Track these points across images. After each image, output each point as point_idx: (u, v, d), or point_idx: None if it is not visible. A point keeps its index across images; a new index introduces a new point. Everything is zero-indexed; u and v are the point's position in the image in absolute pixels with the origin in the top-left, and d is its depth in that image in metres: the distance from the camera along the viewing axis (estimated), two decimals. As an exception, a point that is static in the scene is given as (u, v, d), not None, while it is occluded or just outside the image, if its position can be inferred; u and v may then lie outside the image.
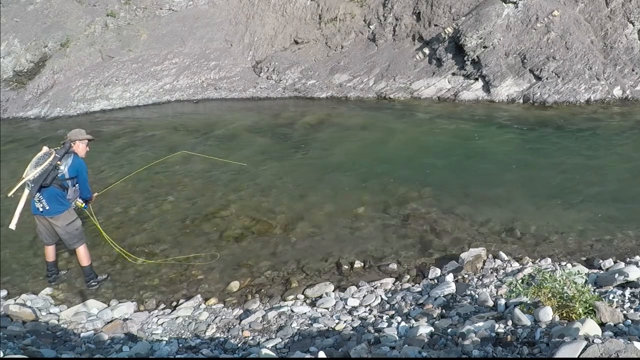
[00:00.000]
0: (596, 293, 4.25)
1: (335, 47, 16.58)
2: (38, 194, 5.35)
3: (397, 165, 9.47)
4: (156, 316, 5.22)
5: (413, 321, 4.33)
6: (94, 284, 5.87)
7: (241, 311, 5.24)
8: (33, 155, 5.53)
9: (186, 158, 10.26)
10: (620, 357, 2.51)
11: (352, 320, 4.69)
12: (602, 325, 3.34)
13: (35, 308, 5.30)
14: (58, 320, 5.15)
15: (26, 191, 5.42)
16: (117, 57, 15.92)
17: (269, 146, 11.02)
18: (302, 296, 5.52)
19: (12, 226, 5.33)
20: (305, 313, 5.00)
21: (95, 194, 6.27)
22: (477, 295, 4.71)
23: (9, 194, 5.40)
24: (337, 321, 4.68)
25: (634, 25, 14.17)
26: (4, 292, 5.70)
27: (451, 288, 5.03)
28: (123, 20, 16.64)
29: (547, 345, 3.04)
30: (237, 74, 16.24)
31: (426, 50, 15.40)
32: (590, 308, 3.60)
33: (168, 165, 9.76)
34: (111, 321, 5.04)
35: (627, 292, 4.26)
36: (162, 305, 5.51)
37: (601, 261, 5.59)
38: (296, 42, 16.92)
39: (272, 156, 10.31)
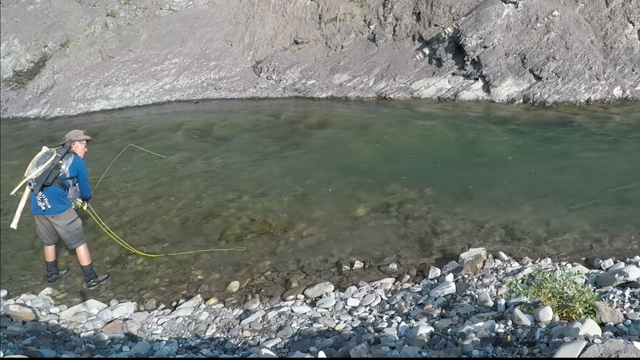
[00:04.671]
0: (596, 293, 4.24)
1: (335, 47, 16.58)
2: (40, 193, 5.37)
3: (397, 165, 9.47)
4: (156, 316, 5.22)
5: (413, 321, 4.33)
6: (94, 283, 5.87)
7: (241, 311, 5.24)
8: (33, 155, 5.55)
9: (187, 159, 10.28)
10: (620, 357, 2.51)
11: (352, 320, 4.69)
12: (602, 325, 3.34)
13: (35, 308, 5.30)
14: (58, 320, 5.15)
15: (27, 190, 5.43)
16: (117, 57, 15.93)
17: (269, 146, 11.02)
18: (302, 296, 5.51)
19: (13, 225, 5.34)
20: (305, 313, 5.00)
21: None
22: (477, 295, 4.71)
23: (12, 193, 5.44)
24: (337, 321, 4.68)
25: (634, 25, 14.17)
26: (4, 292, 5.70)
27: (451, 288, 5.02)
28: (123, 20, 16.65)
29: (547, 345, 3.04)
30: (237, 74, 16.25)
31: (426, 50, 15.41)
32: (590, 308, 3.60)
33: (169, 166, 9.77)
34: (111, 321, 5.04)
35: (627, 292, 4.26)
36: (162, 305, 5.51)
37: (601, 261, 5.58)
38: (296, 42, 16.92)
39: (272, 156, 10.31)
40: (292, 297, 5.49)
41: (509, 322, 3.61)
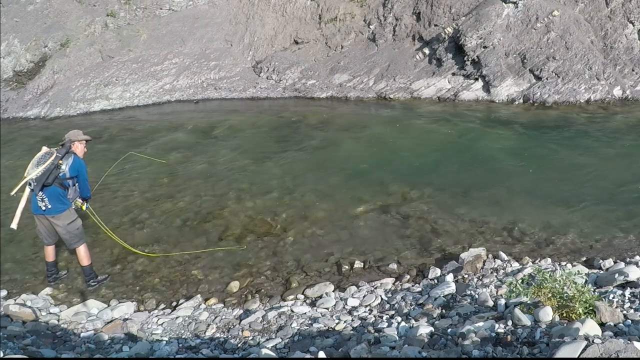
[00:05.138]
0: (596, 293, 4.24)
1: (335, 47, 16.58)
2: (41, 193, 5.37)
3: (397, 165, 9.47)
4: (156, 316, 5.22)
5: (413, 321, 4.33)
6: (93, 283, 5.87)
7: (241, 311, 5.24)
8: (33, 155, 5.55)
9: (186, 159, 10.28)
10: (620, 357, 2.51)
11: (352, 320, 4.69)
12: (602, 325, 3.34)
13: (35, 308, 5.30)
14: (58, 320, 5.15)
15: (27, 190, 5.43)
16: (117, 57, 15.93)
17: (269, 146, 11.02)
18: (302, 296, 5.51)
19: (14, 225, 5.34)
20: (305, 313, 5.00)
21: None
22: (477, 295, 4.71)
23: (12, 193, 5.44)
24: (337, 321, 4.68)
25: (634, 25, 14.17)
26: (4, 292, 5.71)
27: (451, 288, 5.02)
28: (123, 20, 16.65)
29: (547, 345, 3.04)
30: (237, 74, 16.25)
31: (426, 50, 15.41)
32: (590, 308, 3.60)
33: (169, 166, 9.77)
34: (111, 321, 5.04)
35: (627, 292, 4.26)
36: (162, 305, 5.51)
37: (601, 261, 5.58)
38: (296, 42, 16.92)
39: (271, 156, 10.31)
40: (292, 297, 5.49)
41: (509, 322, 3.61)
